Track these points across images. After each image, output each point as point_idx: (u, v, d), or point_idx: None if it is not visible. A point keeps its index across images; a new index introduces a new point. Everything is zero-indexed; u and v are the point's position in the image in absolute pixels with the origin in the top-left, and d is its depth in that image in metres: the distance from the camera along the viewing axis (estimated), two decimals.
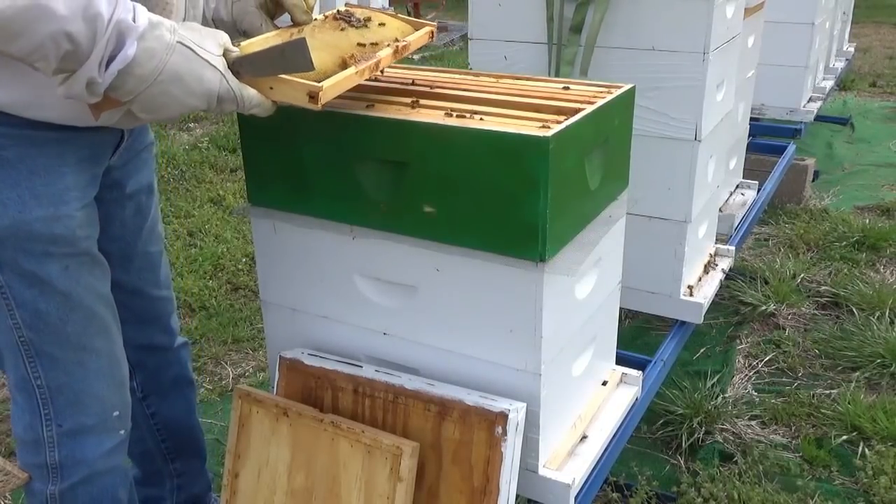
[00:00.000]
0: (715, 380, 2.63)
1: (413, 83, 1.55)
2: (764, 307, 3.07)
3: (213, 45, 1.12)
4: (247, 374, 2.77)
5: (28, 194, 1.22)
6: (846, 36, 5.36)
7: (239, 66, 1.14)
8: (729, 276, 2.74)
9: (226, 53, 1.14)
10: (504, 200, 1.26)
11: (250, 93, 1.14)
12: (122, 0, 1.04)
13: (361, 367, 1.46)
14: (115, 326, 1.44)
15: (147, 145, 1.54)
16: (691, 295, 2.19)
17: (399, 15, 1.48)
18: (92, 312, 1.36)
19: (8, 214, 1.21)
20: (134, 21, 1.04)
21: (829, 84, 4.38)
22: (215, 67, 1.11)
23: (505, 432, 1.30)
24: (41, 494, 1.44)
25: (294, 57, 1.12)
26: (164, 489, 1.85)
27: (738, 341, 2.93)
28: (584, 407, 1.59)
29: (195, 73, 1.09)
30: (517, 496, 1.37)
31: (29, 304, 1.29)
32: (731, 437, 2.39)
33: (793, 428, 2.45)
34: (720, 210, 2.61)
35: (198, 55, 1.09)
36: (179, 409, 1.81)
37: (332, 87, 1.19)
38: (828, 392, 2.60)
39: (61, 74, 1.05)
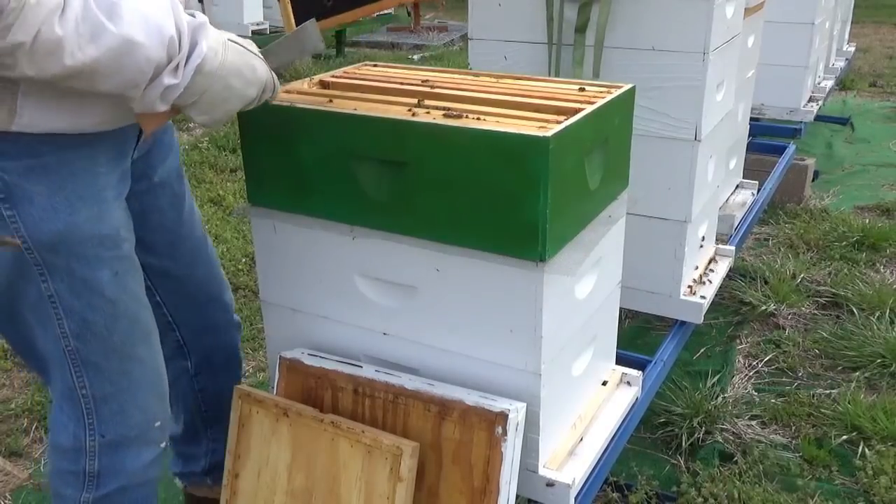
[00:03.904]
0: (715, 380, 2.62)
1: (413, 83, 1.55)
2: (764, 307, 3.07)
3: (244, 41, 1.21)
4: (247, 374, 2.77)
5: (74, 196, 1.24)
6: (846, 36, 5.36)
7: (265, 58, 1.24)
8: (729, 276, 2.75)
9: None
10: (504, 200, 1.26)
11: (277, 80, 1.24)
12: (176, 6, 1.12)
13: (361, 367, 1.46)
14: (155, 333, 1.45)
15: (167, 128, 1.54)
16: (691, 295, 2.19)
17: None
18: (136, 319, 1.37)
19: (59, 219, 1.22)
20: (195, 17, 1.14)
21: (829, 84, 4.38)
22: (260, 58, 1.22)
23: (505, 432, 1.30)
24: (72, 500, 1.44)
25: (310, 39, 1.29)
26: (200, 448, 1.87)
27: (738, 341, 2.93)
28: (584, 407, 1.59)
29: (249, 64, 1.19)
30: (517, 496, 1.37)
31: (77, 313, 1.29)
32: (731, 437, 2.38)
33: (793, 428, 2.45)
34: (720, 210, 2.61)
35: (246, 49, 1.19)
36: (226, 385, 1.80)
37: None
38: (828, 392, 2.60)
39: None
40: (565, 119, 1.29)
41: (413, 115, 1.34)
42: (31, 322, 1.32)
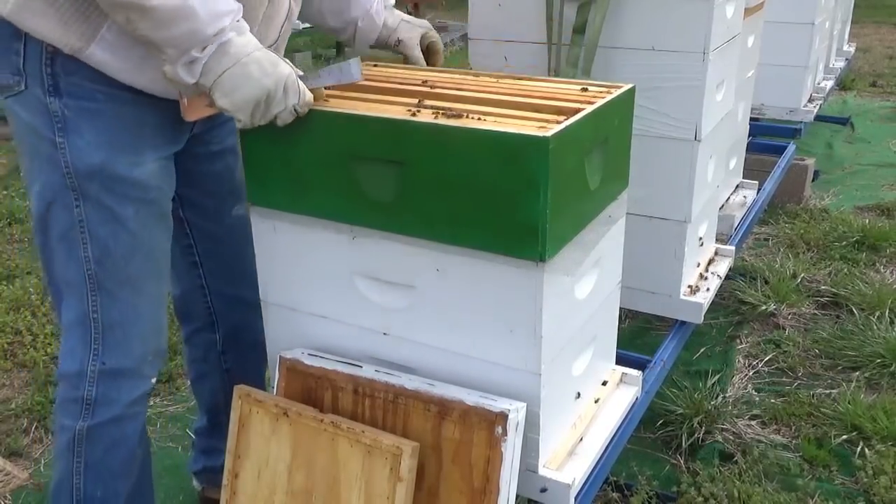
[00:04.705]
0: (715, 380, 2.63)
1: (413, 83, 1.55)
2: (764, 307, 3.07)
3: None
4: None
5: (115, 141, 1.44)
6: (846, 36, 5.36)
7: (304, 81, 1.37)
8: (729, 276, 2.74)
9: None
10: (504, 200, 1.26)
11: (308, 93, 1.36)
12: (239, 9, 1.32)
13: (361, 367, 1.46)
14: (166, 279, 1.63)
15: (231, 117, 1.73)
16: (691, 295, 2.19)
17: None
18: (152, 257, 1.54)
19: (97, 156, 1.43)
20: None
21: (829, 84, 4.38)
22: (287, 64, 1.36)
23: (505, 432, 1.30)
24: (70, 430, 1.56)
25: (349, 72, 1.42)
26: (222, 441, 1.89)
27: (738, 341, 2.93)
28: (584, 407, 1.59)
29: (271, 60, 1.33)
30: (517, 496, 1.37)
31: (101, 239, 1.47)
32: (731, 437, 2.39)
33: (793, 428, 2.45)
34: (720, 210, 2.61)
35: (276, 55, 1.36)
36: (252, 370, 1.91)
37: None
38: (828, 392, 2.60)
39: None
40: (565, 119, 1.29)
41: (413, 115, 1.34)
42: (58, 250, 1.49)
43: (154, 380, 1.62)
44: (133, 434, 1.61)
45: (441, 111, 1.34)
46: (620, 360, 1.76)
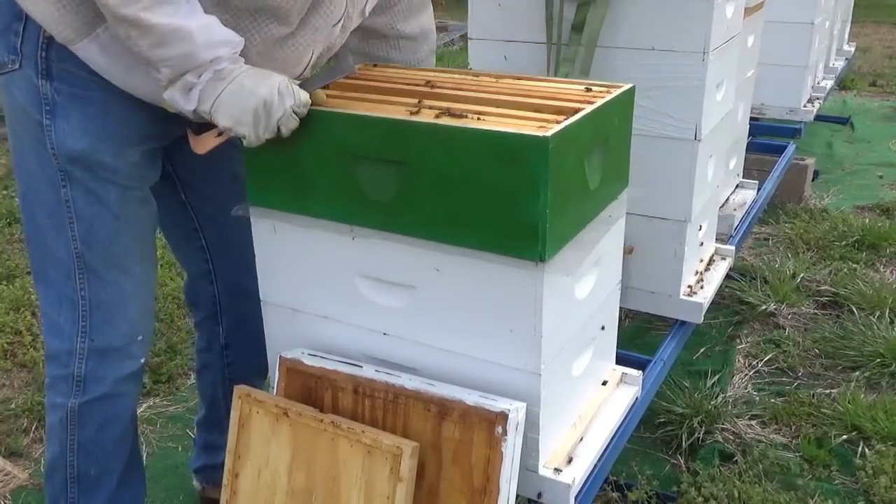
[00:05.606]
0: (715, 379, 2.63)
1: (413, 83, 1.55)
2: (764, 307, 3.07)
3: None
4: None
5: (102, 130, 1.46)
6: (846, 35, 5.35)
7: (303, 87, 1.39)
8: (729, 276, 2.74)
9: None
10: (504, 200, 1.26)
11: (303, 93, 1.36)
12: (240, 43, 1.35)
13: (361, 367, 1.46)
14: (152, 262, 1.66)
15: None
16: (691, 295, 2.19)
17: None
18: (136, 239, 1.57)
19: (83, 141, 1.46)
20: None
21: (828, 84, 4.37)
22: (278, 75, 1.37)
23: (505, 432, 1.30)
24: (62, 408, 1.59)
25: (342, 68, 1.53)
26: (222, 437, 1.90)
27: (738, 341, 2.93)
28: (584, 407, 1.59)
29: (263, 72, 1.36)
30: (517, 496, 1.37)
31: (86, 219, 1.50)
32: (731, 437, 2.39)
33: (793, 428, 2.45)
34: (720, 210, 2.61)
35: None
36: (253, 367, 1.91)
37: None
38: (828, 392, 2.60)
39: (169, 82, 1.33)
40: (565, 119, 1.29)
41: (413, 115, 1.34)
42: (47, 228, 1.52)
43: (143, 360, 1.65)
44: (124, 412, 1.64)
45: (441, 111, 1.35)
46: (620, 360, 1.76)
